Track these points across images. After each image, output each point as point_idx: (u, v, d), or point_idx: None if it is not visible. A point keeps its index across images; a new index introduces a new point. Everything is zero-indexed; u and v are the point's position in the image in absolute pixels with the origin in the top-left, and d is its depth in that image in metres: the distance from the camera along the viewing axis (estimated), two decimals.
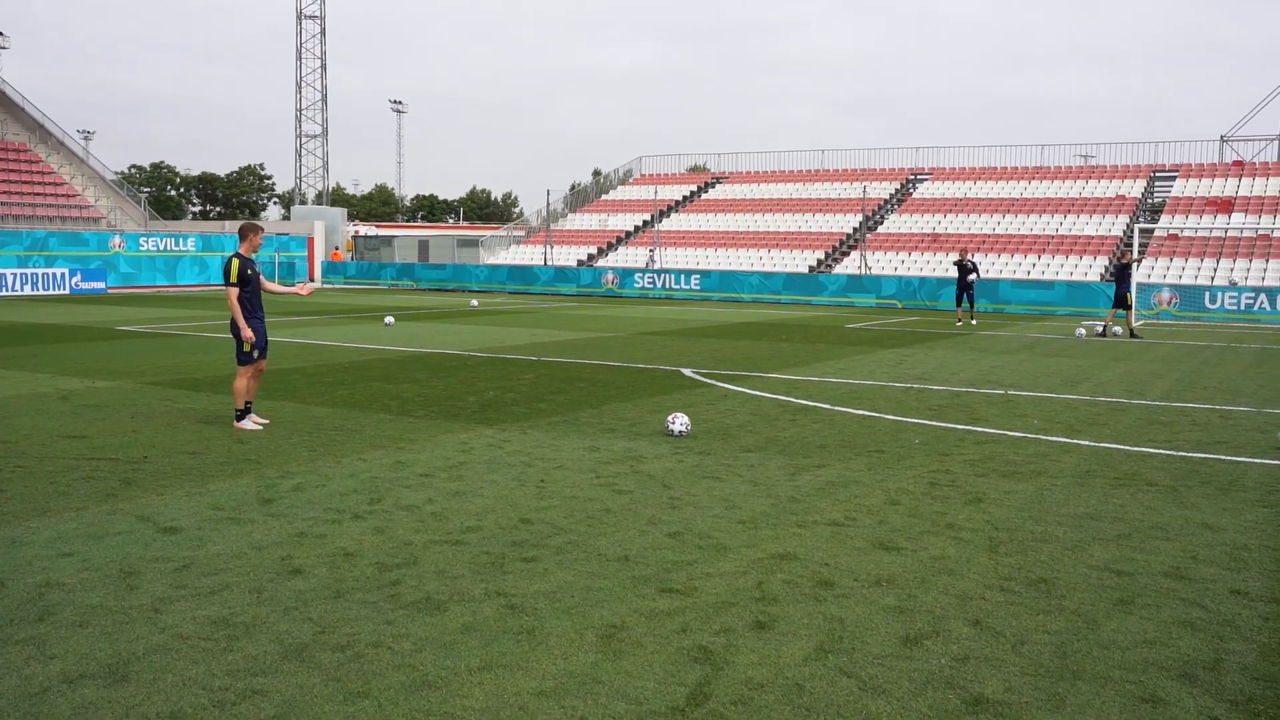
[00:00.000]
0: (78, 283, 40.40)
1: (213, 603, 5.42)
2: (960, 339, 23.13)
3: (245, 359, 10.69)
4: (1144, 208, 44.32)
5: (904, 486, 8.32)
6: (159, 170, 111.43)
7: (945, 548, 6.61)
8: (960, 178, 50.00)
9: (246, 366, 10.69)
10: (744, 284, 39.94)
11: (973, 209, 45.86)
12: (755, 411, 12.07)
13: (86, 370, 15.28)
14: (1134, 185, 45.35)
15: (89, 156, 57.10)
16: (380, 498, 7.72)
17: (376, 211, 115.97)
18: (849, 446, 9.98)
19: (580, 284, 43.59)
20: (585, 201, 58.72)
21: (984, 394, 13.86)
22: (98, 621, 5.13)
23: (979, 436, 10.61)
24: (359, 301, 36.15)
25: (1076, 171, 48.45)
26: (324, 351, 18.54)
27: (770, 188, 53.85)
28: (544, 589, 5.70)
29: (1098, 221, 42.30)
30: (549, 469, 8.81)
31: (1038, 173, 48.64)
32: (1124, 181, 45.80)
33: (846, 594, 5.69)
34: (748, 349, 20.02)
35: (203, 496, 7.71)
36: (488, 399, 12.80)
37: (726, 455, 9.49)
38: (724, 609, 5.43)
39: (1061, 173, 48.28)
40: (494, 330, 23.93)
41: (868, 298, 37.35)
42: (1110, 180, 46.25)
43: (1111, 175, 46.87)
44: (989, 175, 49.51)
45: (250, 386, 10.81)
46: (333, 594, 5.58)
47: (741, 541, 6.71)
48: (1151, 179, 46.15)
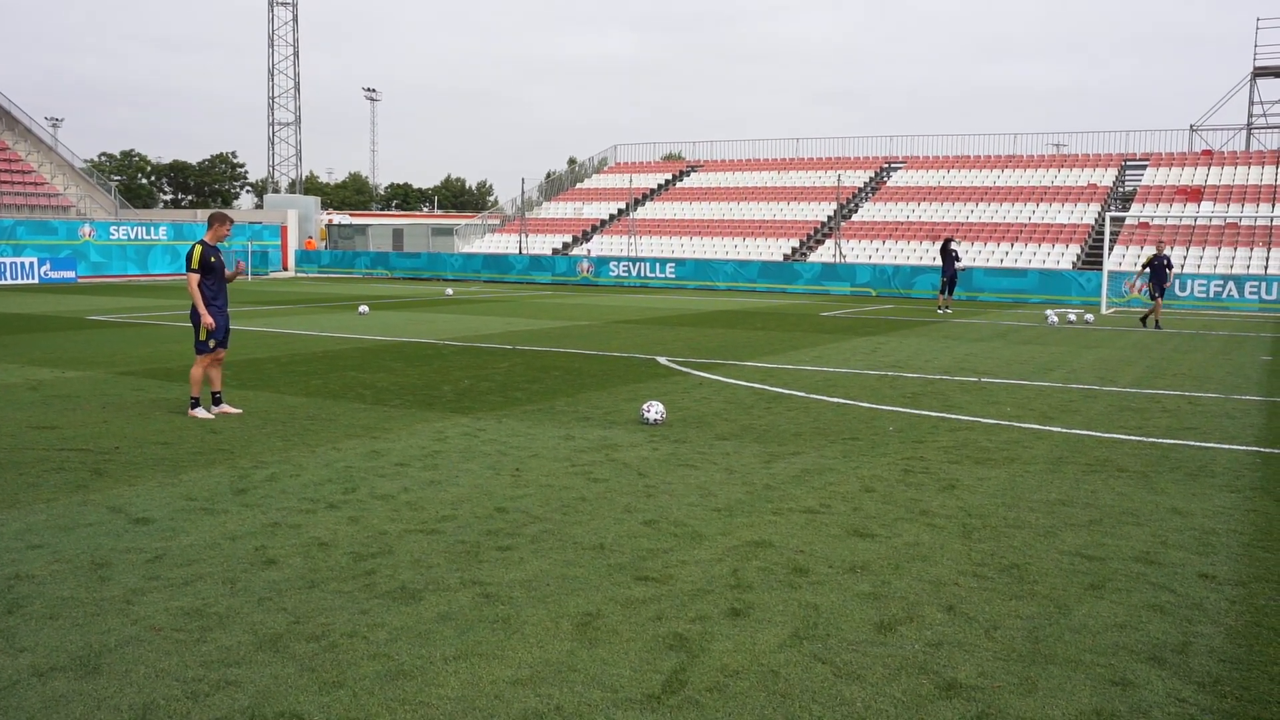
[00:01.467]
0: (47, 272, 39.95)
1: (186, 594, 5.39)
2: (934, 327, 23.24)
3: (203, 348, 10.62)
4: (1115, 196, 44.64)
5: (878, 474, 8.36)
6: (129, 158, 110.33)
7: (919, 534, 6.65)
8: (934, 166, 50.17)
9: (204, 355, 10.63)
10: (719, 272, 39.97)
11: (946, 197, 46.05)
12: (730, 399, 12.09)
13: (56, 360, 15.12)
14: (1105, 174, 45.65)
15: (57, 144, 56.43)
16: (355, 487, 7.69)
17: (350, 200, 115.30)
18: (824, 434, 10.01)
19: (555, 272, 43.48)
20: (560, 190, 58.54)
21: (958, 381, 13.93)
22: (68, 613, 5.09)
23: (952, 424, 10.67)
24: (333, 290, 35.95)
25: (1049, 160, 48.72)
26: (298, 341, 18.43)
27: (745, 176, 53.86)
28: (519, 578, 5.70)
29: (1069, 210, 42.57)
30: (524, 458, 8.79)
31: (1010, 161, 48.89)
32: (1095, 170, 46.10)
33: (821, 581, 5.72)
34: (723, 337, 20.04)
35: (175, 487, 7.65)
36: (463, 388, 12.76)
37: (702, 443, 9.50)
38: (699, 596, 5.45)
39: (1034, 161, 48.54)
40: (469, 319, 23.85)
41: (842, 286, 37.46)
42: (1082, 169, 46.54)
43: (1083, 164, 47.16)
44: (962, 164, 49.71)
45: (213, 376, 10.78)
46: (307, 584, 5.56)
47: (717, 529, 6.72)
48: (1122, 168, 46.47)
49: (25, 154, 52.56)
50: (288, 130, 73.95)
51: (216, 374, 10.81)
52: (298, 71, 72.73)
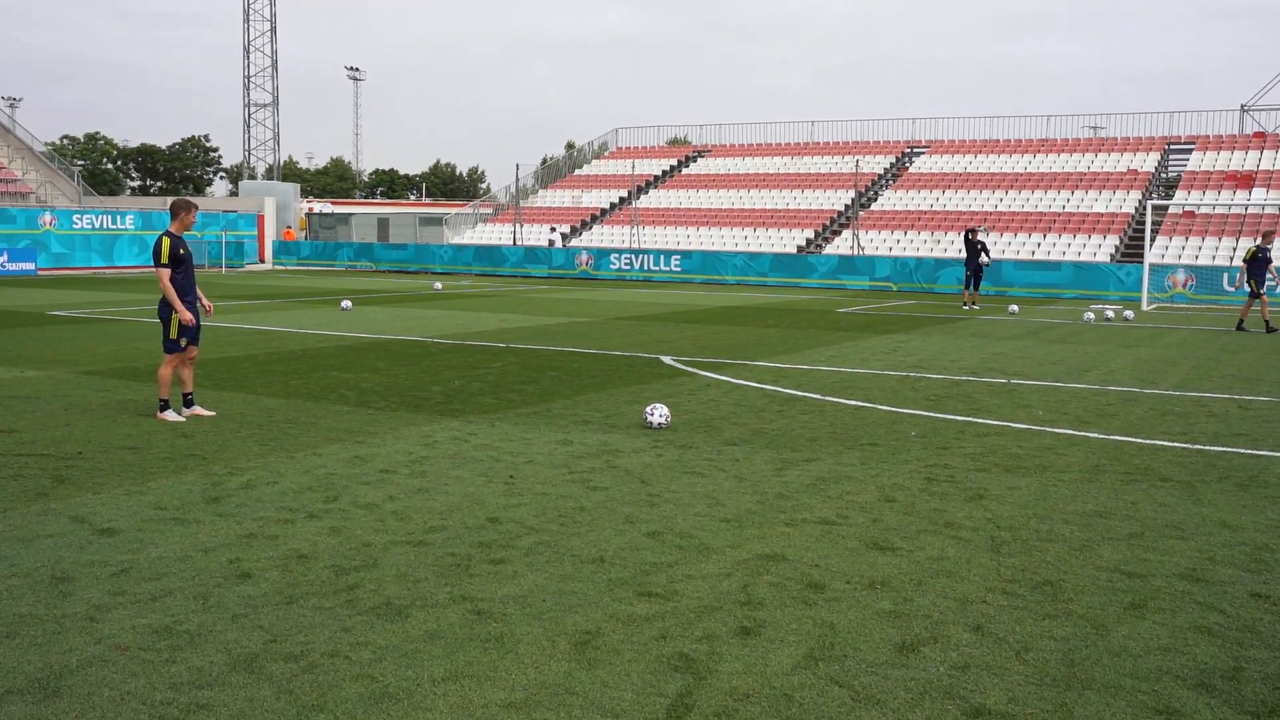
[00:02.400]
0: (4, 263, 40.00)
1: (154, 610, 5.39)
2: (960, 324, 23.24)
3: (173, 346, 10.63)
4: (1158, 183, 44.62)
5: (899, 482, 8.35)
6: (94, 141, 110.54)
7: (944, 548, 6.64)
8: (960, 151, 50.17)
9: (174, 355, 10.64)
10: (728, 265, 39.98)
11: (973, 185, 46.05)
12: (740, 402, 12.09)
13: (15, 359, 15.14)
14: (1147, 159, 45.63)
15: (15, 126, 56.56)
16: (337, 495, 7.69)
17: (332, 187, 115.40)
18: (841, 439, 10.01)
19: (552, 265, 43.53)
20: (557, 177, 58.58)
21: (985, 383, 13.92)
22: (27, 632, 5.09)
23: (980, 428, 10.66)
24: (313, 284, 35.98)
25: (1085, 144, 48.69)
26: (276, 338, 18.44)
27: (756, 162, 53.87)
28: (513, 593, 5.70)
29: (1108, 198, 42.55)
30: (518, 464, 8.79)
31: (1044, 146, 48.88)
32: (1136, 155, 46.07)
33: (838, 597, 5.71)
34: (732, 335, 20.04)
35: (143, 495, 7.65)
36: (453, 389, 12.77)
37: (709, 449, 9.50)
38: (707, 614, 5.44)
39: (1069, 145, 48.52)
40: (459, 315, 23.86)
41: (860, 280, 37.45)
42: (1122, 153, 46.51)
43: (1123, 148, 47.13)
44: (991, 148, 49.71)
45: (185, 376, 10.81)
46: (285, 599, 5.56)
47: (725, 541, 6.71)
48: (1166, 152, 46.44)
49: None
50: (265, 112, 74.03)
51: (188, 374, 10.83)
52: (275, 49, 72.85)
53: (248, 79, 73.09)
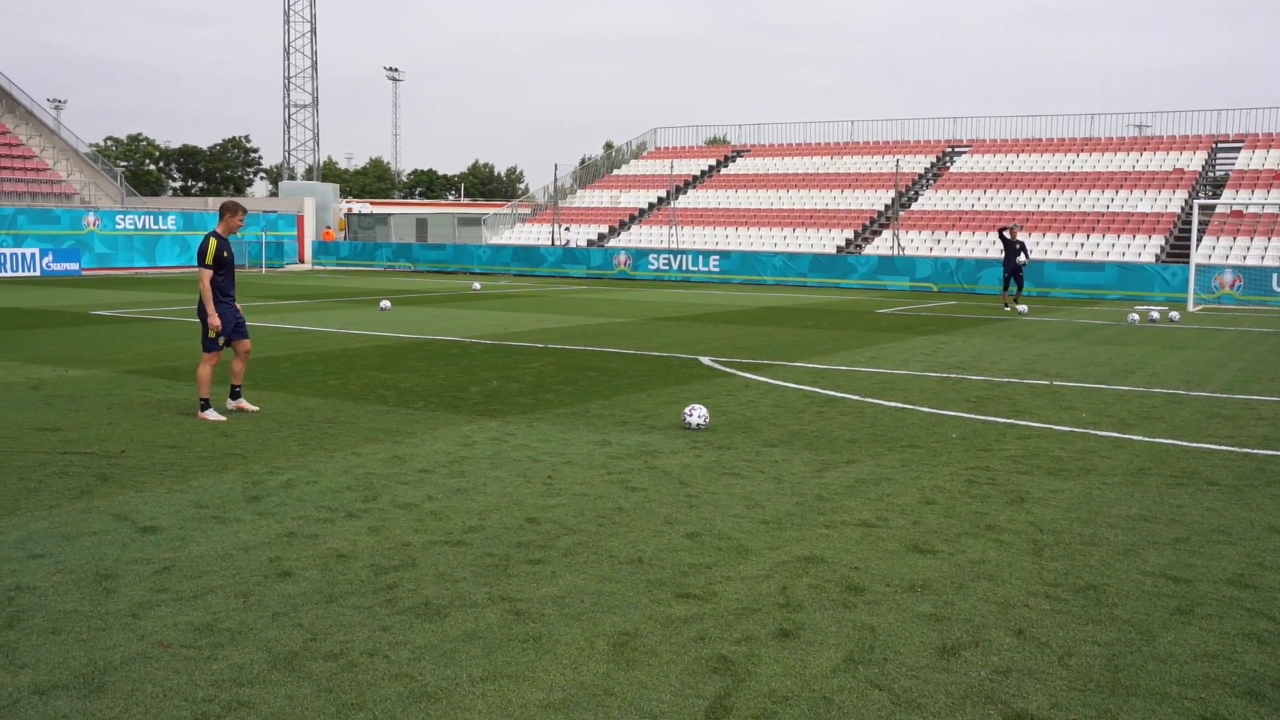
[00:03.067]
0: (49, 264, 40.57)
1: (195, 608, 5.45)
2: (1001, 325, 23.06)
3: (211, 345, 10.82)
4: (1205, 182, 44.08)
5: (940, 484, 8.30)
6: (136, 143, 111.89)
7: (985, 551, 6.60)
8: (1001, 150, 49.79)
9: (213, 354, 10.81)
10: (767, 266, 39.88)
11: (1015, 184, 45.68)
12: (779, 403, 12.06)
13: (59, 358, 15.35)
14: (1194, 157, 45.08)
15: (60, 128, 57.31)
16: (376, 495, 7.75)
17: (371, 187, 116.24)
18: (880, 441, 9.96)
19: (590, 265, 43.60)
20: (596, 177, 58.67)
21: (1027, 385, 13.81)
22: (71, 628, 5.16)
23: (1022, 430, 10.58)
24: (352, 285, 36.24)
25: (1130, 143, 48.18)
26: (315, 338, 18.60)
27: (795, 162, 53.70)
28: (551, 593, 5.71)
29: (1153, 197, 42.08)
30: (557, 464, 8.82)
31: (1087, 144, 48.41)
32: (1182, 153, 45.53)
33: (878, 600, 5.69)
34: (771, 335, 20.00)
35: (185, 493, 7.74)
36: (491, 389, 12.82)
37: (748, 450, 9.48)
38: (745, 616, 5.43)
39: (1113, 144, 48.03)
40: (498, 315, 23.96)
41: (901, 280, 37.25)
42: (1167, 152, 45.99)
43: (1169, 146, 46.60)
44: (1033, 147, 49.29)
45: (237, 368, 11.02)
46: (325, 598, 5.60)
47: (764, 543, 6.70)
48: (1213, 150, 45.87)
49: (26, 138, 53.42)
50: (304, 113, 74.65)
51: (240, 366, 11.07)
52: (315, 49, 73.42)
53: (288, 80, 73.70)
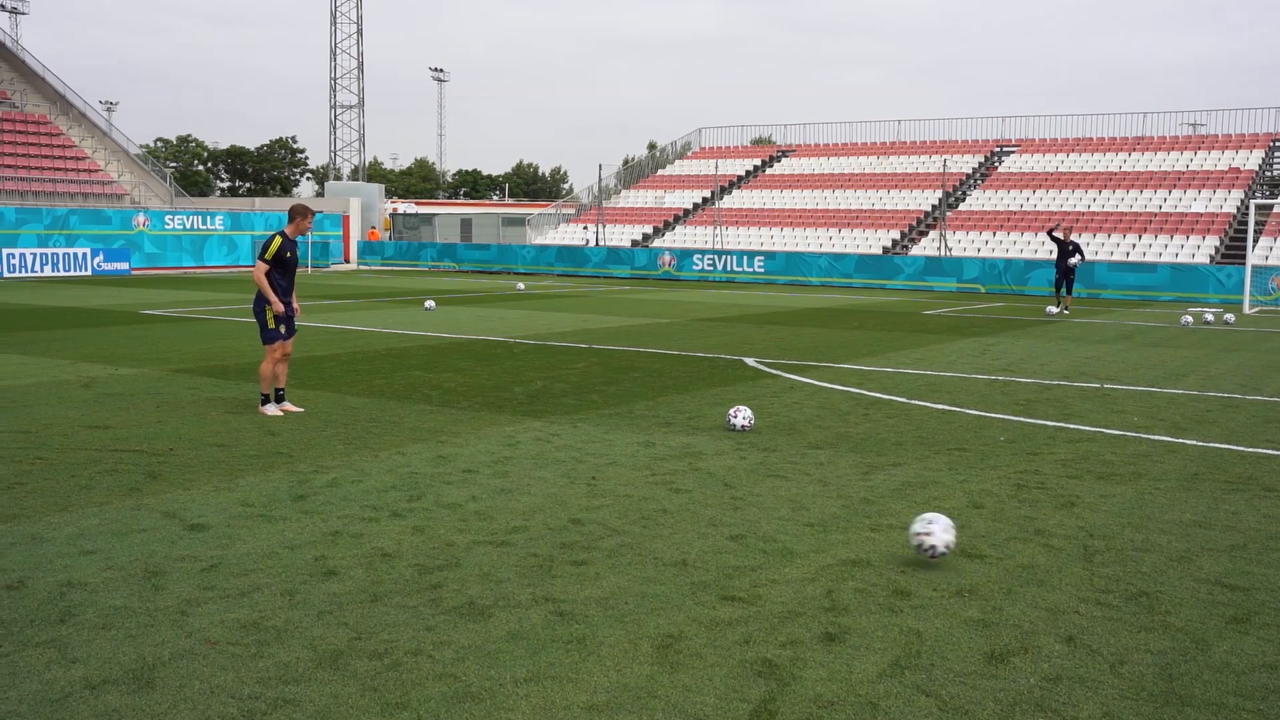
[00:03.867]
0: (100, 263, 41.19)
1: (242, 605, 5.51)
2: (1051, 327, 22.83)
3: (272, 335, 10.97)
4: (1261, 181, 43.37)
5: (988, 488, 8.23)
6: (185, 143, 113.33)
7: (1034, 556, 6.53)
8: (1051, 150, 49.27)
9: (274, 346, 10.96)
10: (812, 266, 39.72)
11: (1065, 184, 45.20)
12: (824, 405, 12.01)
13: (109, 356, 15.58)
14: (1250, 156, 44.37)
15: (112, 129, 58.18)
16: (420, 494, 7.79)
17: (416, 188, 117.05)
18: (927, 444, 9.89)
19: (634, 266, 43.63)
20: (640, 177, 58.70)
21: (1077, 387, 13.67)
22: (121, 624, 5.23)
23: (1071, 434, 10.46)
24: (397, 284, 36.49)
25: (1184, 142, 47.50)
26: (360, 338, 18.74)
27: (841, 161, 53.44)
28: (595, 595, 5.72)
29: (1207, 197, 41.48)
30: (601, 465, 8.83)
31: (1139, 144, 47.79)
32: (1238, 152, 44.83)
33: (925, 605, 5.64)
34: (816, 337, 19.92)
35: (232, 492, 7.83)
36: (535, 389, 12.86)
37: (793, 452, 9.45)
38: (790, 619, 5.41)
39: (1166, 143, 47.38)
40: (542, 315, 24.03)
41: (948, 281, 36.97)
42: (1222, 151, 45.30)
43: (1224, 145, 45.91)
44: (1084, 147, 48.74)
45: (279, 371, 11.06)
46: (369, 597, 5.64)
47: (809, 546, 6.67)
48: (1270, 148, 45.10)
49: (79, 139, 54.30)
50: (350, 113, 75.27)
51: (283, 369, 11.17)
52: (361, 50, 74.02)
53: (334, 81, 74.33)
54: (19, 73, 56.31)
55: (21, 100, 54.40)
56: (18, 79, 55.84)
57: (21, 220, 40.67)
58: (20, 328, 19.96)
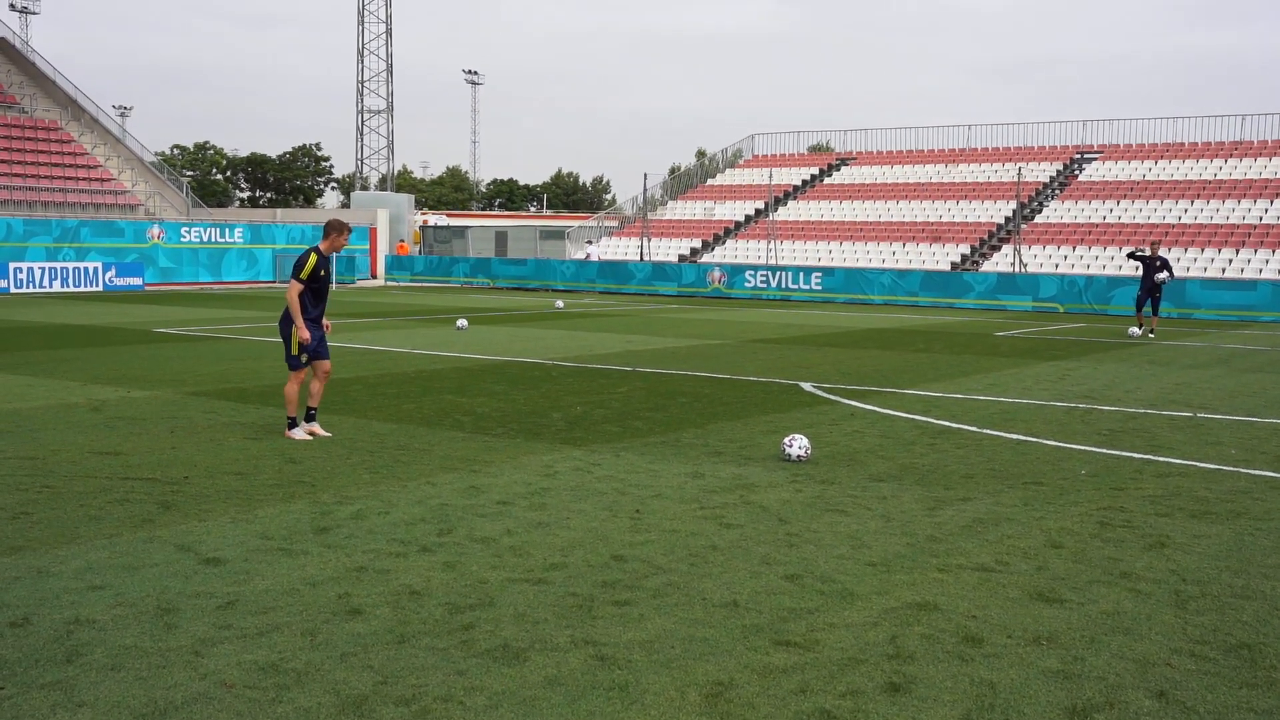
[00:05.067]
0: (112, 278, 41.83)
1: (260, 646, 5.54)
2: (1136, 350, 22.60)
3: (294, 363, 11.16)
4: None
5: (1068, 526, 8.15)
6: (203, 151, 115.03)
7: (1120, 601, 6.45)
8: (1137, 156, 48.88)
9: (297, 371, 11.14)
10: (874, 284, 39.60)
11: (1153, 194, 44.80)
12: (887, 433, 11.95)
13: (121, 378, 15.79)
14: None
15: (126, 136, 59.20)
16: (451, 528, 7.82)
17: (448, 198, 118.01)
18: (1000, 477, 9.82)
19: (682, 282, 43.69)
20: (688, 187, 58.86)
21: (1167, 416, 13.51)
22: (132, 664, 5.28)
23: (1161, 467, 10.34)
24: (427, 302, 36.74)
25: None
26: (387, 359, 18.87)
27: (906, 170, 53.31)
28: (639, 638, 5.71)
29: None
30: (645, 498, 8.83)
31: (1236, 149, 47.32)
32: None
33: (998, 653, 5.59)
34: (878, 360, 19.83)
35: (250, 524, 7.90)
36: (575, 415, 12.89)
37: (853, 485, 9.41)
38: (851, 667, 5.38)
39: (1266, 148, 46.85)
40: (582, 336, 24.10)
41: (1022, 300, 36.72)
42: None
43: None
44: (1174, 153, 48.31)
45: (314, 389, 11.28)
46: (396, 639, 5.67)
47: (871, 587, 6.63)
48: None
49: (91, 146, 55.24)
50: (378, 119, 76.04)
51: (318, 388, 11.33)
52: (390, 51, 74.83)
53: (361, 84, 75.17)
54: (28, 75, 57.43)
55: (31, 104, 55.46)
56: (27, 82, 56.95)
57: (29, 232, 41.41)
58: (27, 347, 20.29)
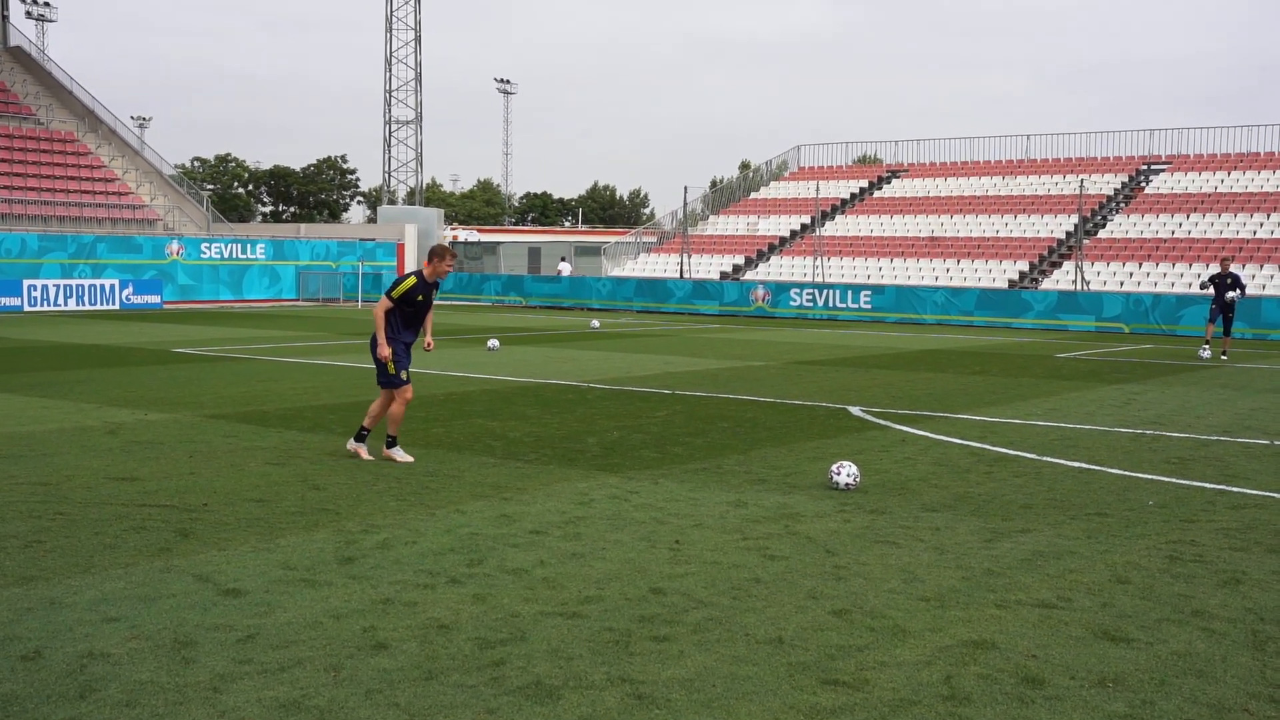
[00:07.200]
0: (129, 296, 42.29)
1: (281, 681, 5.57)
2: (1207, 373, 22.39)
3: (392, 381, 11.30)
4: None
5: (1134, 560, 8.08)
6: (224, 164, 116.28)
7: (1192, 641, 6.38)
8: (1208, 167, 48.56)
9: (397, 389, 11.31)
10: (926, 302, 39.47)
11: (1225, 206, 44.47)
12: (941, 461, 11.89)
13: (138, 400, 15.93)
14: None
15: (144, 148, 59.87)
16: (482, 559, 7.84)
17: (479, 213, 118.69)
18: (1061, 507, 9.75)
19: (724, 301, 43.70)
20: (730, 201, 58.94)
21: (1241, 444, 13.38)
22: (147, 701, 5.31)
23: (1235, 499, 10.24)
24: (457, 321, 36.91)
25: None
26: (415, 381, 18.91)
27: (960, 183, 53.17)
28: (679, 676, 5.70)
29: None
30: (685, 527, 8.82)
31: None
32: None
33: (1060, 695, 5.54)
34: (931, 383, 19.75)
35: (271, 553, 7.94)
36: (611, 440, 12.90)
37: (905, 515, 9.36)
38: (903, 709, 5.34)
39: None
40: (619, 357, 24.13)
41: (1085, 320, 36.49)
42: None
43: None
44: (1248, 163, 47.95)
45: (374, 411, 11.45)
46: (424, 674, 5.68)
47: (924, 624, 6.59)
48: None
49: (108, 159, 55.92)
50: (407, 130, 76.65)
51: (399, 412, 11.45)
52: (419, 60, 75.50)
53: (389, 94, 75.80)
54: (44, 85, 58.26)
55: (47, 115, 56.23)
56: (43, 92, 57.78)
57: (44, 248, 41.96)
58: (41, 367, 20.53)
